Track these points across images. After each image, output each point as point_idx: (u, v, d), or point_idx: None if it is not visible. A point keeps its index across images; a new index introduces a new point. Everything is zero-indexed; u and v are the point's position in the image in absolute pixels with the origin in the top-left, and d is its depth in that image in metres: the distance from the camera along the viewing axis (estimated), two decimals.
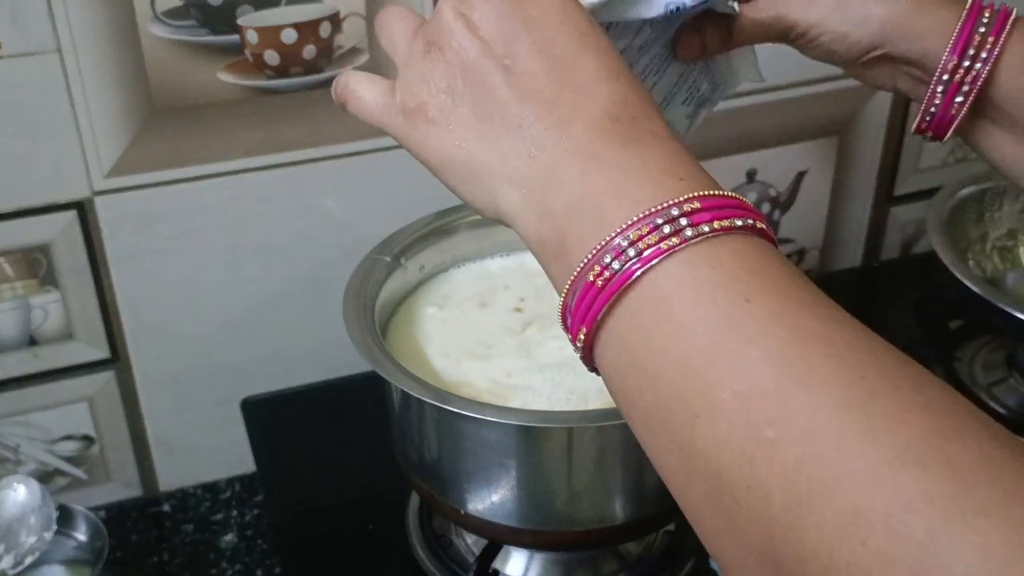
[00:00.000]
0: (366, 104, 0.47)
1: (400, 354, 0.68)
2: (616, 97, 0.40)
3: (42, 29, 0.73)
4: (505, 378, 0.68)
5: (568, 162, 0.39)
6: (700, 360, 0.34)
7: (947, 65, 0.54)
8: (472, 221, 0.78)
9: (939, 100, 0.55)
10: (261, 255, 0.88)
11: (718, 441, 0.33)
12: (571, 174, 0.39)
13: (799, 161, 1.06)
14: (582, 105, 0.40)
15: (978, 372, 0.94)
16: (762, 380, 0.33)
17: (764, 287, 0.35)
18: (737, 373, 0.33)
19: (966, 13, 0.54)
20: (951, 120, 0.55)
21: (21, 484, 0.79)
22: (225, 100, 0.80)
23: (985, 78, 0.53)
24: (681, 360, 0.35)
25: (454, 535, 0.78)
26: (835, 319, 0.35)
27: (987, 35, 0.53)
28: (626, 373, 0.37)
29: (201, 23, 0.77)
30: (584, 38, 0.42)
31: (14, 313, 0.82)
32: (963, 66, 0.53)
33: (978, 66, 0.53)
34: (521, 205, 0.40)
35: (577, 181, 0.38)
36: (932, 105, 0.55)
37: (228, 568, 0.86)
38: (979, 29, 0.53)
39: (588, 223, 0.38)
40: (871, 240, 1.15)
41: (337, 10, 0.81)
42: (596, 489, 0.65)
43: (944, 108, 0.55)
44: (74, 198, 0.80)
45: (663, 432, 0.36)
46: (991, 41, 0.53)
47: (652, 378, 0.36)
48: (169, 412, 0.91)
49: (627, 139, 0.39)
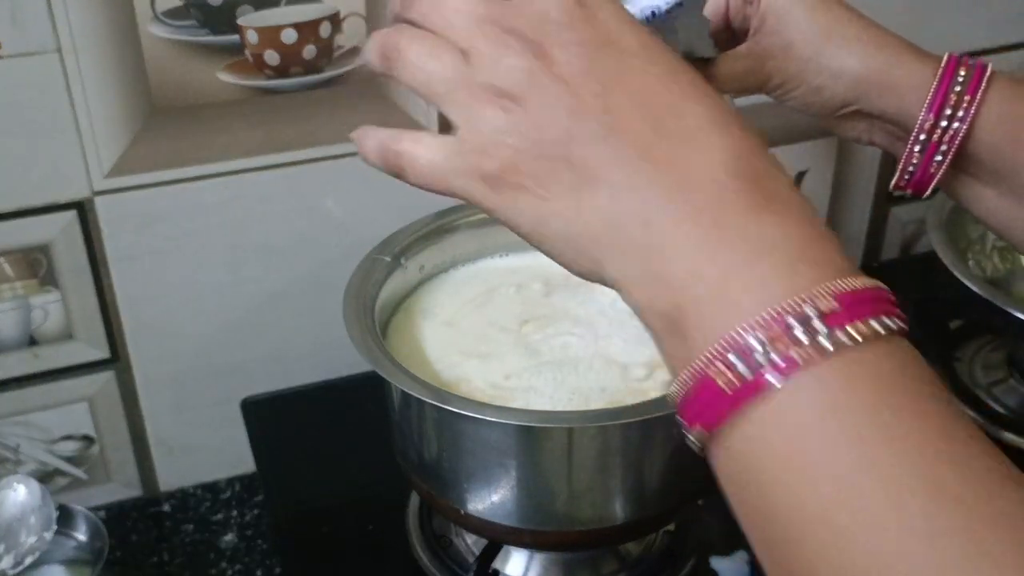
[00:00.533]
0: (429, 170, 0.41)
1: (400, 354, 0.68)
2: (733, 150, 0.36)
3: (42, 29, 0.73)
4: (505, 379, 0.68)
5: (688, 231, 0.35)
6: (817, 490, 0.32)
7: (924, 125, 0.53)
8: (472, 221, 0.78)
9: (916, 159, 0.54)
10: (261, 255, 0.88)
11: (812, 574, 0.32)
12: (691, 244, 0.35)
13: (799, 161, 1.06)
14: (697, 163, 0.35)
15: (978, 372, 0.94)
16: (880, 534, 0.31)
17: (899, 420, 0.33)
18: (853, 512, 0.31)
19: (941, 71, 0.52)
20: (931, 179, 0.55)
21: (21, 484, 0.79)
22: (225, 100, 0.80)
23: (963, 136, 0.52)
24: (796, 483, 0.33)
25: (454, 535, 0.78)
26: (971, 465, 0.33)
27: (963, 94, 0.52)
28: (738, 472, 0.35)
29: (201, 23, 0.77)
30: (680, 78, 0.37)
31: (14, 313, 0.82)
32: (940, 126, 0.52)
33: (956, 125, 0.52)
34: (631, 274, 0.36)
35: (698, 252, 0.35)
36: (910, 164, 0.55)
37: (228, 568, 0.86)
38: (955, 88, 0.52)
39: (711, 304, 0.34)
40: (871, 240, 1.15)
41: (337, 10, 0.81)
42: (596, 489, 0.65)
43: (923, 167, 0.54)
44: (74, 198, 0.80)
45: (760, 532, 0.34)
46: (967, 100, 0.52)
47: (765, 485, 0.34)
48: (169, 412, 0.91)
49: (751, 204, 0.35)
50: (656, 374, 0.68)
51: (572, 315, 0.74)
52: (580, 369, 0.68)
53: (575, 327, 0.72)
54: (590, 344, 0.71)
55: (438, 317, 0.74)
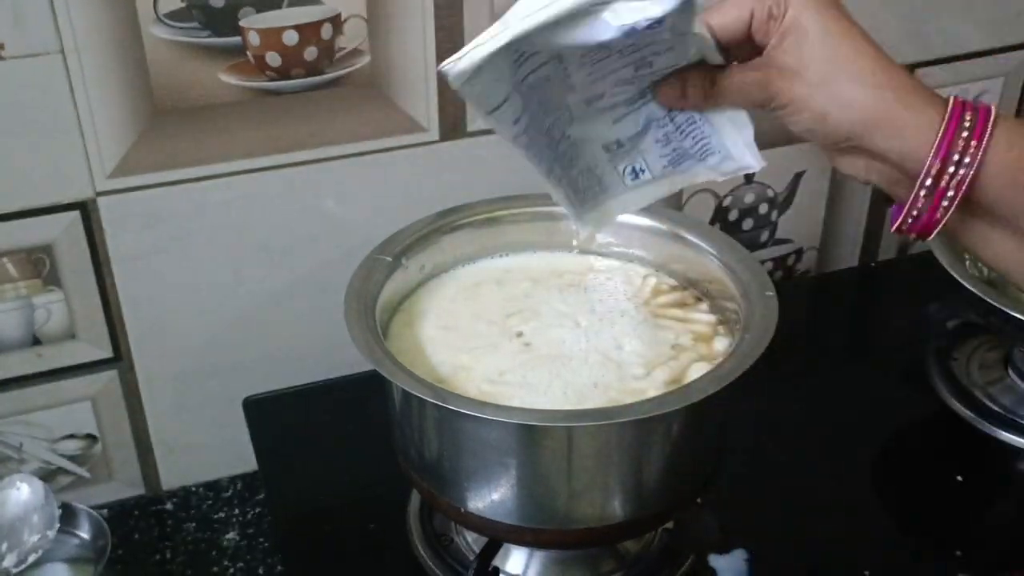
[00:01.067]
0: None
1: (401, 353, 0.68)
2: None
3: (45, 30, 0.73)
4: (499, 376, 0.68)
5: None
6: None
7: (931, 169, 0.52)
8: (472, 221, 0.78)
9: (923, 203, 0.54)
10: (263, 255, 0.88)
11: None
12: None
13: (797, 162, 1.06)
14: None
15: (975, 372, 0.94)
16: None
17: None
18: None
19: (948, 116, 0.52)
20: (936, 223, 0.54)
21: (24, 483, 0.79)
22: (227, 101, 0.81)
23: (970, 180, 0.52)
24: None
25: (455, 533, 0.78)
26: None
27: (970, 139, 0.52)
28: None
29: (203, 25, 0.78)
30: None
31: (17, 313, 0.83)
32: (947, 171, 0.52)
33: (962, 171, 0.52)
34: None
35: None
36: (915, 208, 0.54)
37: (230, 566, 0.87)
38: (962, 133, 0.52)
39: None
40: (868, 240, 1.16)
41: (338, 12, 0.81)
42: (596, 487, 0.66)
43: (930, 211, 0.54)
44: (77, 198, 0.80)
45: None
46: (974, 145, 0.52)
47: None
48: (171, 411, 0.92)
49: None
50: (655, 373, 0.68)
51: (568, 312, 0.74)
52: (573, 364, 0.69)
53: (566, 322, 0.73)
54: (581, 339, 0.71)
55: (439, 317, 0.75)
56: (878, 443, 0.90)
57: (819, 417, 0.92)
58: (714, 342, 0.72)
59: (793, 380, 0.94)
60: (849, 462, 0.88)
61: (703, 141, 0.62)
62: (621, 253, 0.79)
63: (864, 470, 0.87)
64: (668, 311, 0.75)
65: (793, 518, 0.82)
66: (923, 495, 0.85)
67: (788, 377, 0.93)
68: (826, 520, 0.81)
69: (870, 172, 0.57)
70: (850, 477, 0.86)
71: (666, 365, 0.69)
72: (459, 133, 0.89)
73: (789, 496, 0.83)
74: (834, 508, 0.83)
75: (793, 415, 0.91)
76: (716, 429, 0.70)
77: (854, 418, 0.92)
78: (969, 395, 0.91)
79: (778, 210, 1.09)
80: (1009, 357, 0.94)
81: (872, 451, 0.89)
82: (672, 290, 0.77)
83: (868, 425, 0.91)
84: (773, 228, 1.10)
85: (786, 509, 0.82)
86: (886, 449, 0.90)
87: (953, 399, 0.91)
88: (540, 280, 0.77)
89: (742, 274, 0.71)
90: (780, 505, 0.83)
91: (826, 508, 0.83)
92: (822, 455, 0.88)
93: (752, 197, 1.06)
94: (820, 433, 0.90)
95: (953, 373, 0.93)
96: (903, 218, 0.55)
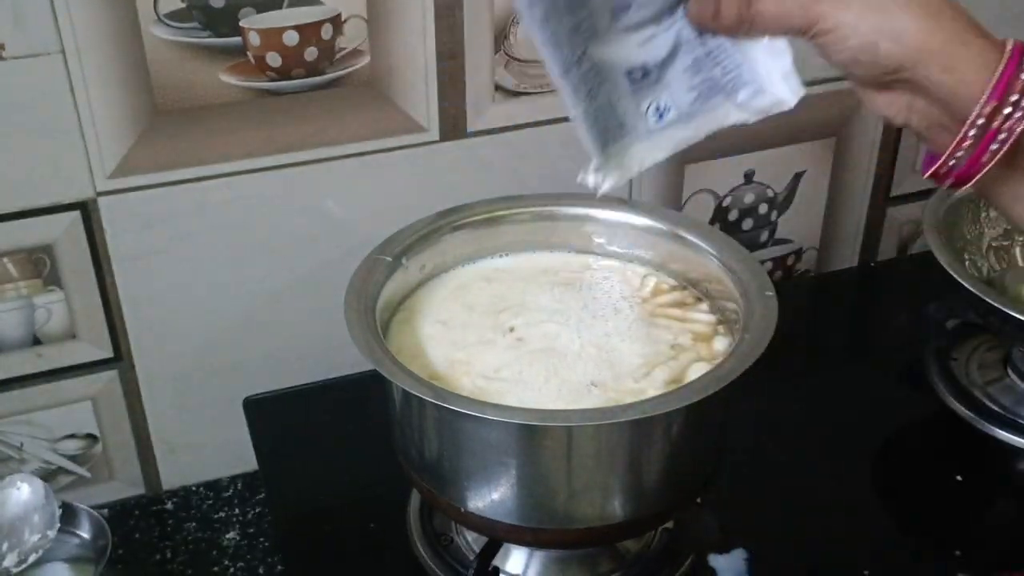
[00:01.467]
0: None
1: (401, 353, 0.68)
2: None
3: (45, 31, 0.74)
4: (495, 372, 0.69)
5: None
6: None
7: (984, 110, 0.49)
8: (472, 221, 0.78)
9: (968, 144, 0.50)
10: (263, 255, 0.88)
11: None
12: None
13: (797, 162, 1.06)
14: None
15: (974, 372, 0.94)
16: None
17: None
18: None
19: (1008, 55, 0.49)
20: (979, 168, 0.50)
21: (25, 483, 0.79)
22: (227, 101, 0.81)
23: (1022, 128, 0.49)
24: None
25: (455, 533, 0.78)
26: None
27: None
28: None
29: (203, 25, 0.78)
30: None
31: (18, 313, 0.83)
32: (1002, 113, 0.49)
33: (1018, 114, 0.49)
34: None
35: None
36: (960, 149, 0.50)
37: (230, 566, 0.87)
38: (1020, 75, 0.49)
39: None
40: (868, 240, 1.16)
41: (339, 12, 0.81)
42: (596, 487, 0.66)
43: (975, 156, 0.50)
44: (77, 199, 0.80)
45: None
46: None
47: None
48: (172, 411, 0.92)
49: None
50: (655, 373, 0.68)
51: (560, 308, 0.74)
52: (568, 360, 0.69)
53: (557, 317, 0.73)
54: (574, 336, 0.71)
55: (438, 317, 0.75)
56: (878, 443, 0.90)
57: (819, 417, 0.92)
58: (714, 342, 0.72)
59: (793, 380, 0.94)
60: (849, 462, 0.88)
61: (733, 72, 0.57)
62: (621, 253, 0.80)
63: (864, 470, 0.87)
64: (668, 311, 0.75)
65: (793, 518, 0.82)
66: (923, 495, 0.85)
67: (788, 377, 0.93)
68: (826, 520, 0.81)
69: (911, 113, 0.53)
70: (850, 477, 0.86)
71: (666, 365, 0.69)
72: (459, 133, 0.89)
73: (789, 496, 0.83)
74: (834, 508, 0.83)
75: (793, 415, 0.92)
76: (716, 429, 0.70)
77: (854, 418, 0.92)
78: (969, 395, 0.91)
79: (778, 210, 1.09)
80: (1008, 357, 0.94)
81: (872, 451, 0.89)
82: (672, 290, 0.77)
83: (868, 425, 0.91)
84: (773, 228, 1.10)
85: (786, 509, 0.82)
86: (886, 449, 0.90)
87: (953, 399, 0.91)
88: (538, 279, 0.77)
89: (742, 274, 0.71)
90: (780, 505, 0.83)
91: (826, 508, 0.83)
92: (822, 455, 0.88)
93: (752, 197, 1.06)
94: (820, 433, 0.90)
95: (953, 373, 0.93)
96: (942, 162, 0.51)
